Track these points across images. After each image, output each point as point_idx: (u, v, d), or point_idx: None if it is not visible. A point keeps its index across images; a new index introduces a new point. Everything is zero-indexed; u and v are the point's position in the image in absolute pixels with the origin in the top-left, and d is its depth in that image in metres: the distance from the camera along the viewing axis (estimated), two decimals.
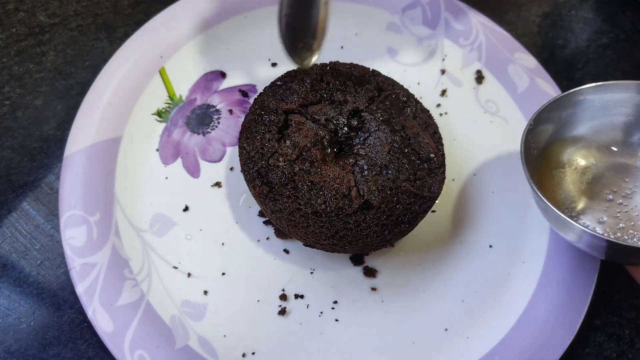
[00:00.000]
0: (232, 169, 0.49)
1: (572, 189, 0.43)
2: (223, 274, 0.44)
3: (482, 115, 0.53)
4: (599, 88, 0.43)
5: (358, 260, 0.46)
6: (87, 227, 0.43)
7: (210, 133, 0.50)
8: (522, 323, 0.43)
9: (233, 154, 0.49)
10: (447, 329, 0.44)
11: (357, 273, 0.45)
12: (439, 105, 0.53)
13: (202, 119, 0.50)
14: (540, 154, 0.43)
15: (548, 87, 0.52)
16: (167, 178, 0.47)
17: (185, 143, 0.49)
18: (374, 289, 0.45)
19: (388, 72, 0.49)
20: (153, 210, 0.46)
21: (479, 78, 0.54)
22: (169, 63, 0.52)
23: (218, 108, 0.51)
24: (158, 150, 0.48)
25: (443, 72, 0.55)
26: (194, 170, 0.48)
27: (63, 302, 0.43)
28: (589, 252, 0.39)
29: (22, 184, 0.47)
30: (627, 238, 0.40)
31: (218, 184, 0.48)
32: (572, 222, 0.36)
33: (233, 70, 0.53)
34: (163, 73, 0.51)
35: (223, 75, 0.52)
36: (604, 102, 0.43)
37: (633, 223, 0.41)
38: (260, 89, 0.46)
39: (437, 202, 0.48)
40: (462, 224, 0.48)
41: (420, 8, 0.56)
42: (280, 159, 0.40)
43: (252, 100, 0.51)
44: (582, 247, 0.39)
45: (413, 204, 0.40)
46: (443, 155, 0.43)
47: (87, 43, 0.54)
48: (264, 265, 0.45)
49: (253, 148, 0.41)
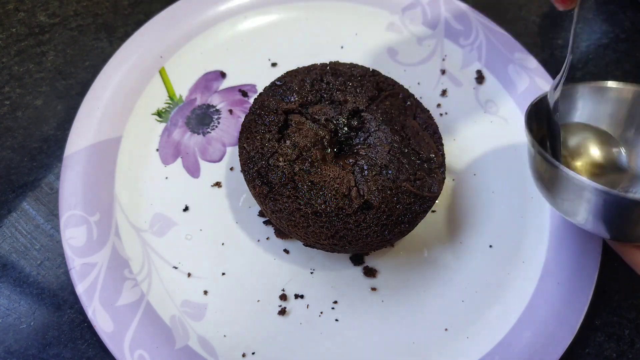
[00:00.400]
0: (232, 169, 0.49)
1: None
2: (223, 274, 0.44)
3: (482, 115, 0.53)
4: (594, 88, 0.43)
5: (358, 260, 0.46)
6: (87, 227, 0.43)
7: (210, 133, 0.50)
8: (522, 323, 0.44)
9: (233, 154, 0.49)
10: (447, 329, 0.44)
11: (357, 273, 0.45)
12: (439, 105, 0.53)
13: (202, 119, 0.50)
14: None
15: (548, 87, 0.52)
16: (167, 178, 0.47)
17: (185, 143, 0.49)
18: (374, 289, 0.45)
19: (388, 72, 0.49)
20: (153, 210, 0.46)
21: (479, 78, 0.54)
22: (169, 63, 0.52)
23: (218, 108, 0.51)
24: (158, 150, 0.48)
25: (443, 72, 0.55)
26: (194, 170, 0.48)
27: (63, 302, 0.43)
28: (596, 224, 0.37)
29: (22, 184, 0.47)
30: None
31: (218, 184, 0.48)
32: (585, 179, 0.33)
33: (233, 70, 0.53)
34: (163, 73, 0.51)
35: (223, 75, 0.52)
36: (598, 101, 0.43)
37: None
38: (260, 89, 0.46)
39: (437, 202, 0.48)
40: (462, 224, 0.48)
41: (420, 8, 0.56)
42: (280, 159, 0.40)
43: (252, 100, 0.51)
44: (590, 217, 0.36)
45: (413, 204, 0.40)
46: (443, 155, 0.43)
47: (87, 43, 0.54)
48: (264, 265, 0.45)
49: (253, 148, 0.41)
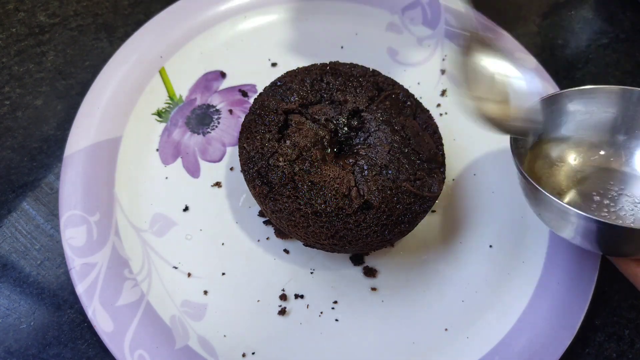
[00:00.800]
0: (232, 169, 0.49)
1: (558, 189, 0.43)
2: (223, 274, 0.44)
3: None
4: (584, 92, 0.43)
5: (358, 260, 0.46)
6: (87, 227, 0.43)
7: (210, 133, 0.50)
8: (522, 323, 0.43)
9: (233, 154, 0.49)
10: (447, 329, 0.44)
11: (357, 273, 0.45)
12: (439, 105, 0.53)
13: (202, 119, 0.50)
14: (527, 153, 0.43)
15: (548, 87, 0.52)
16: (167, 178, 0.47)
17: (185, 143, 0.49)
18: (374, 289, 0.45)
19: (388, 72, 0.49)
20: (153, 210, 0.46)
21: None
22: (169, 63, 0.52)
23: (218, 108, 0.51)
24: (158, 150, 0.48)
25: (443, 72, 0.55)
26: (194, 170, 0.48)
27: (63, 302, 0.43)
28: (585, 242, 0.38)
29: (22, 184, 0.47)
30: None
31: (218, 184, 0.48)
32: (565, 205, 0.35)
33: (233, 70, 0.53)
34: (163, 73, 0.51)
35: (223, 75, 0.52)
36: (588, 105, 0.43)
37: (622, 222, 0.41)
38: (260, 89, 0.46)
39: (437, 202, 0.48)
40: (462, 224, 0.48)
41: (420, 8, 0.56)
42: (280, 159, 0.40)
43: (252, 100, 0.51)
44: (577, 237, 0.38)
45: (413, 204, 0.40)
46: (443, 155, 0.43)
47: (87, 43, 0.54)
48: (264, 265, 0.45)
49: (253, 148, 0.41)
